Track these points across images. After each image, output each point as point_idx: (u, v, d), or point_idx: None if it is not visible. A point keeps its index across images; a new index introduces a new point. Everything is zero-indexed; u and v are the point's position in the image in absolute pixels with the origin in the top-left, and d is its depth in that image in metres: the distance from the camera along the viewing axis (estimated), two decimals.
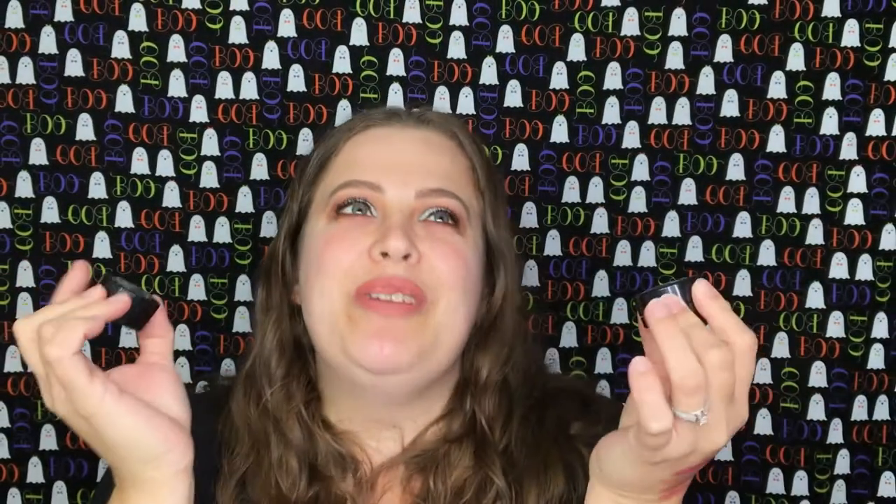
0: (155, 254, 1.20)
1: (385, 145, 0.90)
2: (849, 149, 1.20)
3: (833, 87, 1.19)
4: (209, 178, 1.20)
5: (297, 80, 1.19)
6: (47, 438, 1.20)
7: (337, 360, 0.84)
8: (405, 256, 0.82)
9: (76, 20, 1.17)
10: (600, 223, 1.21)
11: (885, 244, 1.20)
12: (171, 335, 0.76)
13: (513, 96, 1.20)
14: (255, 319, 0.95)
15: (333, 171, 0.90)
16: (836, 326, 1.21)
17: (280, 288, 0.91)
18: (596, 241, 1.22)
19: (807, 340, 1.21)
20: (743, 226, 1.21)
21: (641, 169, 1.21)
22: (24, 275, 1.19)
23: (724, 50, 1.19)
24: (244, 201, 1.20)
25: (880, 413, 1.21)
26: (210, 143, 1.20)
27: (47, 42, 1.17)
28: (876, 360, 1.21)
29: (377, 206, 0.86)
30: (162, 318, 0.75)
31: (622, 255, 1.22)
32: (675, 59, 1.19)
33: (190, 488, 0.74)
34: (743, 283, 1.21)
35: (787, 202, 1.21)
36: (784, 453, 1.22)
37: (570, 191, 1.21)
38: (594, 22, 1.19)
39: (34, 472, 1.20)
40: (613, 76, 1.20)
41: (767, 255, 1.21)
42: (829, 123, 1.19)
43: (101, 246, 1.19)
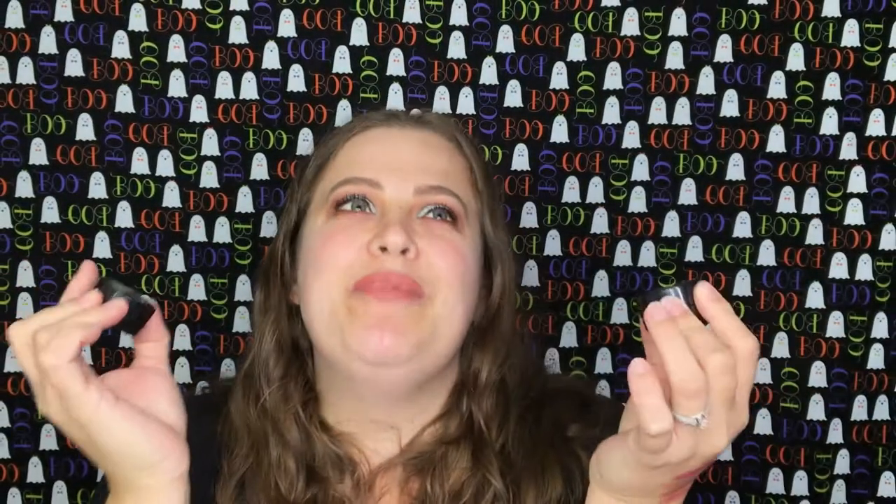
0: (155, 254, 1.20)
1: (384, 145, 0.91)
2: (849, 149, 1.20)
3: (833, 87, 1.19)
4: (209, 178, 1.20)
5: (297, 80, 1.19)
6: (47, 438, 1.20)
7: (336, 353, 0.83)
8: (404, 251, 0.82)
9: (76, 20, 1.17)
10: (600, 223, 1.21)
11: (885, 244, 1.20)
12: (166, 339, 0.76)
13: (513, 96, 1.20)
14: (254, 320, 0.95)
15: (332, 170, 0.90)
16: (835, 326, 1.21)
17: (279, 288, 0.91)
18: (596, 241, 1.22)
19: (807, 340, 1.21)
20: (743, 226, 1.21)
21: (641, 169, 1.21)
22: (24, 275, 1.19)
23: (724, 50, 1.19)
24: (244, 201, 1.20)
25: (880, 413, 1.21)
26: (210, 143, 1.20)
27: (47, 42, 1.17)
28: (876, 360, 1.21)
29: (376, 203, 0.86)
30: (158, 322, 0.75)
31: (622, 255, 1.22)
32: (675, 59, 1.19)
33: (185, 496, 0.74)
34: (743, 283, 1.21)
35: (786, 202, 1.21)
36: (784, 453, 1.22)
37: (570, 191, 1.21)
38: (594, 22, 1.19)
39: (34, 472, 1.20)
40: (613, 76, 1.20)
41: (767, 255, 1.21)
42: (829, 123, 1.19)
43: (101, 246, 1.19)
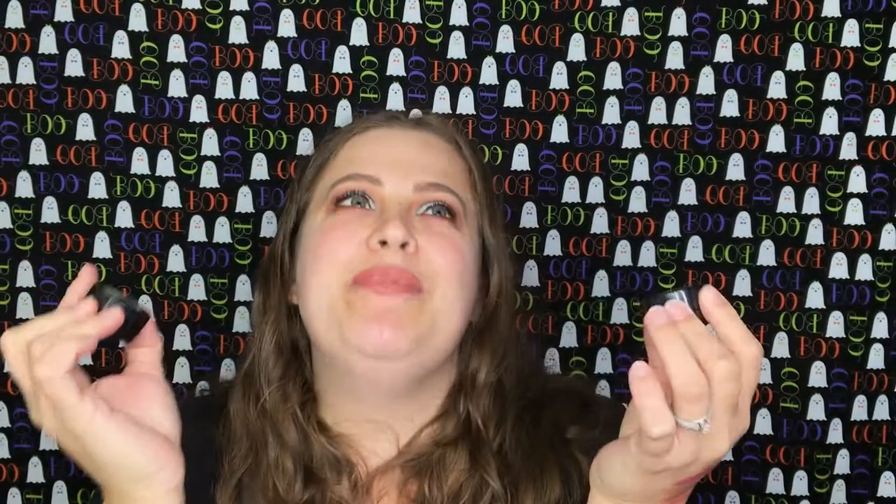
0: (155, 254, 1.20)
1: (384, 144, 0.91)
2: (849, 149, 1.19)
3: (833, 87, 1.19)
4: (209, 178, 1.20)
5: (297, 80, 1.19)
6: (47, 438, 1.20)
7: (334, 348, 0.83)
8: (403, 245, 0.82)
9: (76, 20, 1.17)
10: (600, 223, 1.21)
11: (885, 244, 1.20)
12: (159, 345, 0.76)
13: (513, 96, 1.20)
14: (254, 320, 0.95)
15: (332, 168, 0.90)
16: (835, 326, 1.21)
17: (278, 288, 0.91)
18: (596, 241, 1.22)
19: (807, 340, 1.21)
20: (743, 226, 1.21)
21: (641, 169, 1.21)
22: (24, 275, 1.19)
23: (724, 50, 1.19)
24: (244, 201, 1.20)
25: (880, 413, 1.21)
26: (210, 143, 1.19)
27: (47, 42, 1.17)
28: (876, 360, 1.21)
29: (375, 199, 0.87)
30: (152, 328, 0.74)
31: (622, 255, 1.22)
32: (675, 59, 1.19)
33: None
34: (743, 283, 1.21)
35: (786, 202, 1.21)
36: (784, 453, 1.22)
37: (570, 191, 1.21)
38: (594, 22, 1.19)
39: (34, 472, 1.20)
40: (613, 76, 1.20)
41: (767, 255, 1.21)
42: (829, 123, 1.19)
43: (101, 246, 1.19)
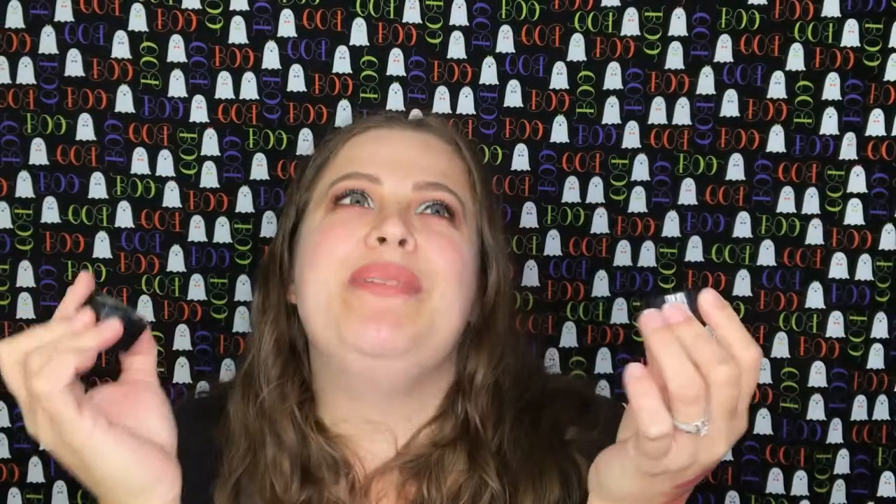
0: (155, 254, 1.20)
1: (384, 144, 0.91)
2: (848, 149, 1.20)
3: (833, 87, 1.19)
4: (209, 178, 1.20)
5: (297, 80, 1.19)
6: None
7: (332, 346, 0.83)
8: (402, 242, 0.82)
9: (76, 20, 1.17)
10: (600, 223, 1.21)
11: (885, 244, 1.20)
12: (155, 352, 0.75)
13: (513, 96, 1.20)
14: (253, 320, 0.94)
15: (332, 168, 0.90)
16: (835, 326, 1.21)
17: (277, 288, 0.91)
18: (596, 241, 1.22)
19: (806, 340, 1.21)
20: (743, 226, 1.21)
21: (641, 169, 1.21)
22: (25, 275, 1.19)
23: (724, 50, 1.19)
24: (244, 201, 1.20)
25: (880, 413, 1.21)
26: (210, 143, 1.20)
27: (47, 42, 1.17)
28: (875, 360, 1.21)
29: (374, 198, 0.87)
30: (148, 336, 0.74)
31: (622, 255, 1.22)
32: (675, 59, 1.19)
33: None
34: (743, 283, 1.21)
35: (786, 202, 1.21)
36: (784, 453, 1.22)
37: (570, 191, 1.21)
38: (594, 22, 1.19)
39: (34, 472, 1.20)
40: (613, 76, 1.20)
41: (767, 255, 1.21)
42: (829, 123, 1.19)
43: (101, 246, 1.19)
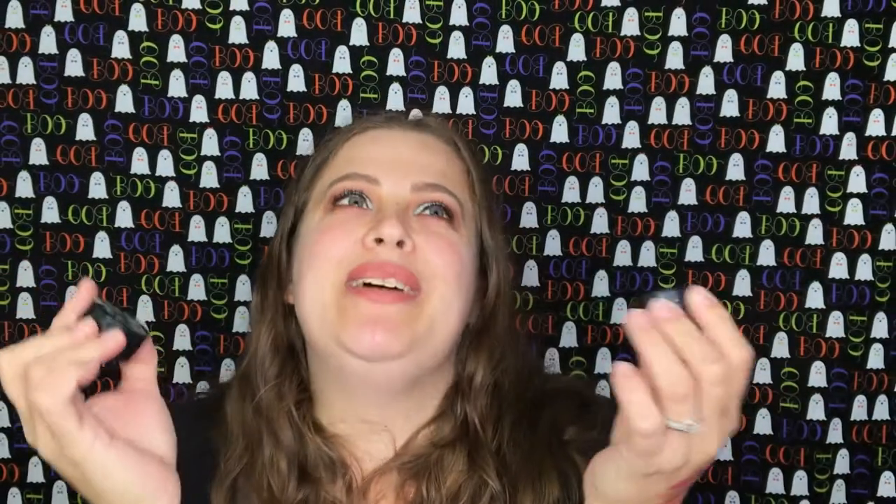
0: (155, 254, 1.20)
1: (383, 144, 0.91)
2: (848, 149, 1.20)
3: (833, 87, 1.19)
4: (209, 178, 1.20)
5: (297, 80, 1.19)
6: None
7: (329, 349, 0.83)
8: (399, 243, 0.82)
9: (76, 20, 1.17)
10: (600, 223, 1.21)
11: (885, 244, 1.20)
12: (155, 360, 0.75)
13: (513, 96, 1.20)
14: (251, 320, 0.94)
15: (331, 169, 0.90)
16: (835, 326, 1.21)
17: (275, 288, 0.91)
18: (596, 241, 1.22)
19: (806, 340, 1.21)
20: (743, 226, 1.21)
21: (641, 169, 1.21)
22: (25, 275, 1.19)
23: (724, 50, 1.19)
24: (244, 201, 1.20)
25: (880, 413, 1.21)
26: (210, 143, 1.20)
27: (47, 42, 1.17)
28: (875, 360, 1.21)
29: (373, 199, 0.86)
30: (148, 345, 0.74)
31: (622, 255, 1.22)
32: (675, 59, 1.19)
33: None
34: (743, 283, 1.21)
35: (786, 202, 1.21)
36: (784, 453, 1.22)
37: (570, 191, 1.21)
38: (594, 22, 1.19)
39: (34, 472, 1.20)
40: (613, 76, 1.20)
41: (767, 255, 1.21)
42: (829, 123, 1.19)
43: (101, 246, 1.19)
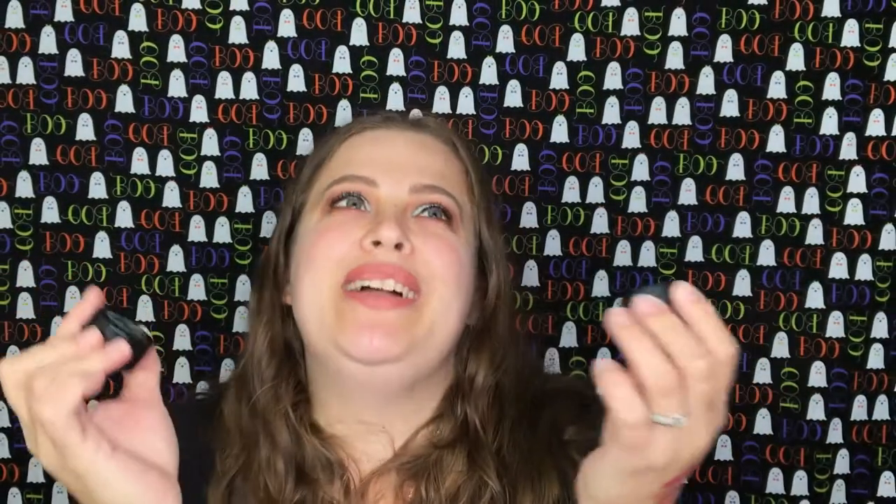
0: (155, 254, 1.20)
1: (381, 145, 0.90)
2: (848, 149, 1.20)
3: (833, 87, 1.19)
4: (209, 178, 1.20)
5: (297, 80, 1.19)
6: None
7: (327, 351, 0.83)
8: (398, 246, 0.81)
9: (76, 20, 1.17)
10: (600, 223, 1.21)
11: (885, 244, 1.20)
12: (158, 368, 0.75)
13: (513, 96, 1.20)
14: (249, 321, 0.94)
15: (328, 170, 0.90)
16: (835, 326, 1.21)
17: (272, 289, 0.91)
18: (596, 241, 1.22)
19: (806, 340, 1.21)
20: (743, 226, 1.21)
21: (641, 169, 1.21)
22: (25, 275, 1.19)
23: (724, 50, 1.19)
24: (244, 201, 1.20)
25: (880, 413, 1.21)
26: (210, 143, 1.20)
27: (47, 42, 1.17)
28: (875, 360, 1.21)
29: (371, 201, 0.86)
30: (152, 353, 0.74)
31: (622, 255, 1.22)
32: (675, 59, 1.19)
33: None
34: (743, 283, 1.21)
35: (786, 202, 1.21)
36: (784, 453, 1.22)
37: (570, 191, 1.21)
38: (594, 22, 1.19)
39: (34, 472, 1.20)
40: (613, 76, 1.20)
41: (767, 255, 1.21)
42: (829, 123, 1.19)
43: (101, 246, 1.19)
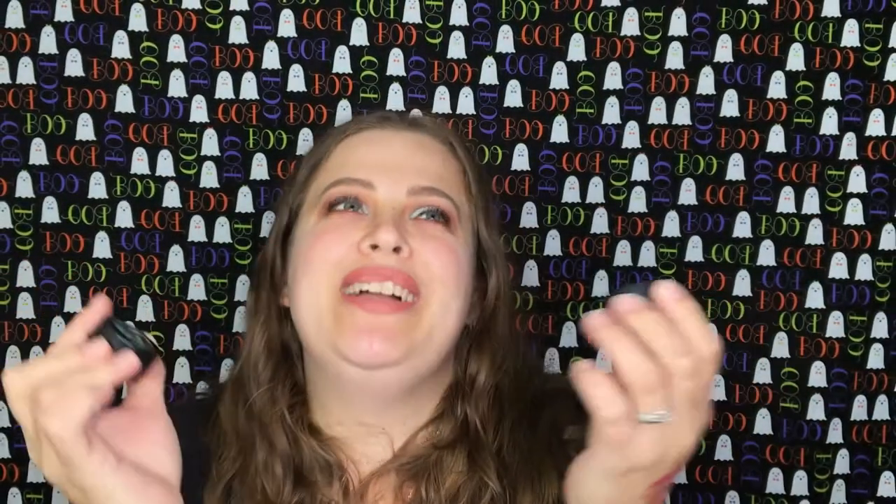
0: (155, 254, 1.20)
1: (377, 146, 0.90)
2: (848, 149, 1.20)
3: (833, 87, 1.19)
4: (209, 178, 1.20)
5: (297, 80, 1.19)
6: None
7: (326, 355, 0.82)
8: (396, 249, 0.81)
9: (76, 20, 1.17)
10: (600, 223, 1.21)
11: (885, 244, 1.20)
12: (163, 376, 0.74)
13: (513, 96, 1.20)
14: (245, 322, 0.94)
15: (325, 171, 0.89)
16: (835, 326, 1.21)
17: (269, 290, 0.90)
18: (596, 241, 1.22)
19: (806, 340, 1.21)
20: (743, 226, 1.21)
21: (641, 169, 1.21)
22: (25, 275, 1.19)
23: (724, 50, 1.19)
24: (244, 201, 1.20)
25: (880, 413, 1.21)
26: (210, 143, 1.20)
27: (47, 42, 1.17)
28: (875, 360, 1.21)
29: (368, 204, 0.85)
30: (157, 361, 0.73)
31: (622, 255, 1.22)
32: (675, 59, 1.20)
33: None
34: (743, 283, 1.21)
35: (786, 202, 1.21)
36: (784, 453, 1.22)
37: (570, 191, 1.21)
38: (594, 22, 1.19)
39: (34, 472, 1.20)
40: (613, 76, 1.20)
41: (767, 255, 1.21)
42: (829, 123, 1.19)
43: (101, 246, 1.19)
